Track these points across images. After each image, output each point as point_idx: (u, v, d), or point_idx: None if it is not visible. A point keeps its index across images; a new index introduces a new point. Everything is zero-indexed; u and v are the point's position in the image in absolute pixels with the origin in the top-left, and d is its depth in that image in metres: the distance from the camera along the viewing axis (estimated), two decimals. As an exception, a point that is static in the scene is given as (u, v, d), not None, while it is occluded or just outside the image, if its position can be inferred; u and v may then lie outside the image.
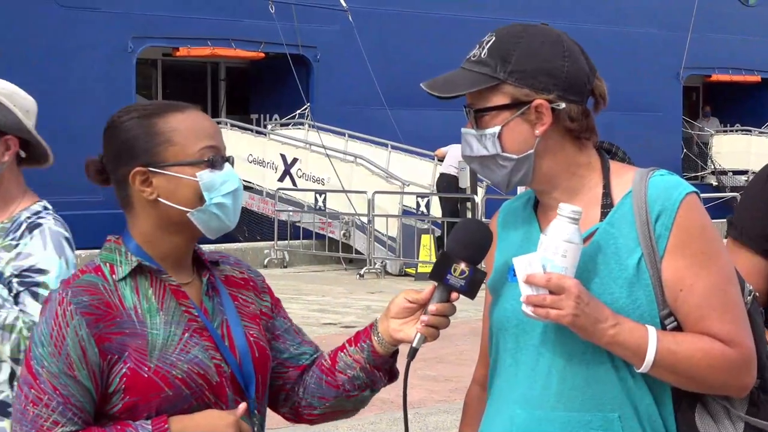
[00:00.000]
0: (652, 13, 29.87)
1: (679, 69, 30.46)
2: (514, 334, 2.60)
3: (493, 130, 2.56)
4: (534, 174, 2.59)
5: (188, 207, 2.53)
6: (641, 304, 2.51)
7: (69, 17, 21.40)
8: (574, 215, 2.45)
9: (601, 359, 2.51)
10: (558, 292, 2.41)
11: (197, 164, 2.53)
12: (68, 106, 20.84)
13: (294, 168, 21.77)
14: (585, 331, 2.44)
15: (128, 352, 2.45)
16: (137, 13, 22.30)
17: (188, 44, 23.53)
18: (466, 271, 2.52)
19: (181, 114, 2.57)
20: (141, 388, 2.44)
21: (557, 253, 2.44)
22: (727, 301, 2.53)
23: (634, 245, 2.52)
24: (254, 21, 23.62)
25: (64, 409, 2.42)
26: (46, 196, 4.00)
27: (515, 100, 2.55)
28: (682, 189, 2.55)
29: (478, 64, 2.58)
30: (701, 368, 2.49)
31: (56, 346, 2.43)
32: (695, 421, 2.56)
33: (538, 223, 2.66)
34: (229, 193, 2.55)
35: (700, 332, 2.51)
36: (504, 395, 2.62)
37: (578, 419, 2.51)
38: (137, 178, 2.54)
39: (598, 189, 2.61)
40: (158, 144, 2.53)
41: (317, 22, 24.35)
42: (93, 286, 2.50)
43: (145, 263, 2.54)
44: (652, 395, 2.53)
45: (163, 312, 2.52)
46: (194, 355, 2.50)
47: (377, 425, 8.63)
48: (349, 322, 14.00)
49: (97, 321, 2.45)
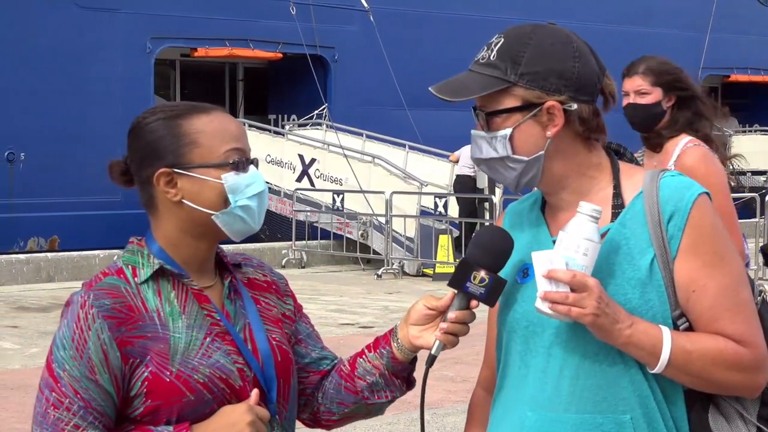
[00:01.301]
0: (671, 14, 29.81)
1: (698, 69, 30.33)
2: (523, 336, 2.59)
3: (504, 132, 2.55)
4: (543, 175, 2.58)
5: (213, 209, 2.52)
6: (654, 304, 2.50)
7: (88, 18, 21.44)
8: (594, 214, 2.44)
9: (613, 360, 2.50)
10: (580, 290, 2.39)
11: (222, 166, 2.52)
12: (87, 106, 20.90)
13: (312, 168, 21.78)
14: (603, 331, 2.43)
15: (150, 356, 2.44)
16: (155, 14, 22.33)
17: (206, 45, 23.56)
18: (486, 279, 2.51)
19: (206, 116, 2.56)
20: (162, 393, 2.43)
21: (579, 251, 2.42)
22: (740, 302, 2.53)
23: (646, 246, 2.51)
24: (272, 21, 23.64)
25: (85, 413, 2.41)
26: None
27: (526, 102, 2.54)
28: (695, 189, 2.54)
29: (488, 66, 2.56)
30: (715, 368, 2.48)
31: (78, 350, 2.42)
32: (709, 422, 2.55)
33: (547, 225, 2.65)
34: (255, 195, 2.54)
35: (713, 333, 2.50)
36: (513, 397, 2.61)
37: (590, 421, 2.50)
38: (162, 179, 2.52)
39: (609, 189, 2.60)
40: (183, 145, 2.52)
41: (335, 23, 24.35)
42: (115, 289, 2.49)
43: (167, 267, 2.53)
44: (665, 396, 2.52)
45: (186, 316, 2.51)
46: (216, 360, 2.49)
47: (395, 426, 8.63)
48: (366, 322, 13.99)
49: (119, 324, 2.44)
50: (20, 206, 20.14)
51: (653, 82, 5.08)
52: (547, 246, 2.55)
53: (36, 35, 20.66)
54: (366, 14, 24.10)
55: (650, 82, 5.08)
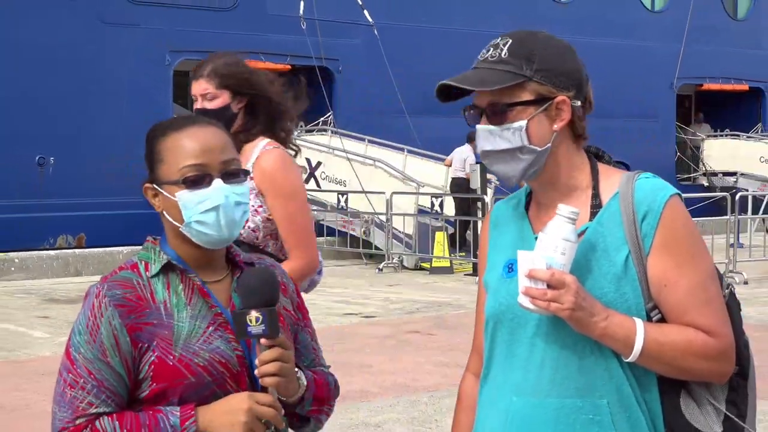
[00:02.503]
0: (648, 27, 29.80)
1: (673, 79, 30.38)
2: (509, 327, 2.59)
3: (520, 124, 2.54)
4: (544, 169, 2.58)
5: (179, 223, 2.54)
6: (628, 298, 2.51)
7: (111, 33, 21.44)
8: (572, 215, 2.45)
9: (590, 350, 2.50)
10: (558, 287, 2.40)
11: (177, 184, 2.52)
12: (111, 115, 20.88)
13: (318, 171, 21.79)
14: (580, 324, 2.44)
15: (156, 342, 2.48)
16: (174, 29, 22.33)
17: (221, 57, 23.54)
18: (259, 316, 2.42)
19: (178, 133, 2.56)
20: (167, 375, 2.46)
21: (557, 250, 2.43)
22: (709, 296, 2.53)
23: (621, 243, 2.52)
24: (281, 36, 23.63)
25: (98, 392, 2.45)
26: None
27: (540, 96, 2.54)
28: (667, 191, 2.55)
29: (501, 63, 2.55)
30: (685, 357, 2.48)
31: (91, 335, 2.48)
32: (680, 406, 2.55)
33: (530, 223, 2.65)
34: (209, 210, 2.50)
35: (683, 324, 2.51)
36: (500, 384, 2.61)
37: (570, 405, 2.51)
38: (149, 192, 2.59)
39: (588, 190, 2.60)
40: (155, 162, 2.57)
41: (339, 37, 24.34)
42: (127, 281, 2.53)
43: (174, 262, 2.56)
44: (639, 383, 2.53)
45: (190, 307, 2.53)
46: (216, 346, 2.51)
47: (395, 407, 8.63)
48: (369, 312, 14.00)
49: (129, 312, 2.49)
50: (50, 206, 20.15)
51: (219, 84, 4.36)
52: (530, 242, 2.56)
53: (63, 48, 20.66)
54: (368, 28, 24.09)
55: (216, 85, 4.36)
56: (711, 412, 2.55)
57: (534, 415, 2.53)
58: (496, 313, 2.62)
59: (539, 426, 2.52)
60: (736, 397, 2.57)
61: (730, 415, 2.56)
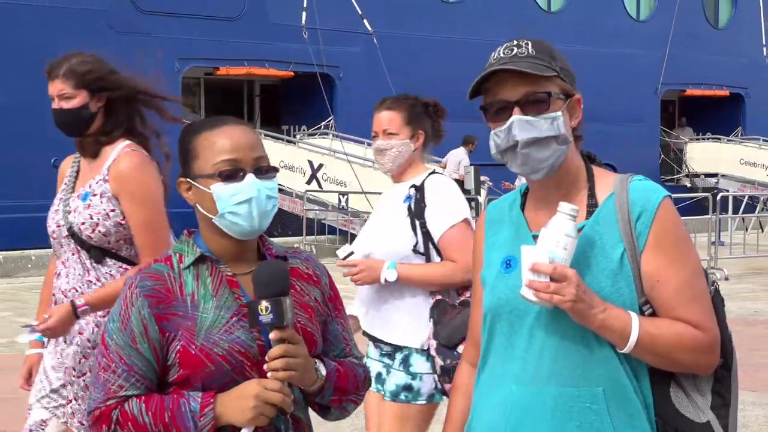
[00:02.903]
0: (634, 36, 29.82)
1: (657, 85, 30.40)
2: (508, 320, 2.60)
3: (557, 114, 2.54)
4: (563, 163, 2.58)
5: (212, 214, 2.56)
6: (623, 292, 2.51)
7: (123, 42, 21.43)
8: (573, 213, 2.46)
9: (587, 341, 2.51)
10: (561, 280, 2.41)
11: (212, 177, 2.55)
12: (123, 119, 20.88)
13: (320, 172, 21.78)
14: (580, 315, 2.45)
15: (181, 332, 2.52)
16: (183, 38, 22.33)
17: (227, 65, 23.56)
18: (268, 305, 2.44)
19: (211, 131, 2.59)
20: (190, 363, 2.50)
21: (559, 245, 2.44)
22: (697, 292, 2.55)
23: (617, 241, 2.53)
24: (284, 44, 23.63)
25: (128, 376, 2.51)
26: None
27: (564, 92, 2.57)
28: (660, 193, 2.56)
29: (532, 58, 2.54)
30: (676, 349, 2.50)
31: (123, 323, 2.53)
32: (670, 395, 2.56)
33: (527, 222, 2.65)
34: (242, 203, 2.53)
35: (673, 318, 2.52)
36: (498, 374, 2.62)
37: (568, 394, 2.52)
38: (183, 186, 2.62)
39: (585, 190, 2.61)
40: (190, 158, 2.60)
41: (340, 45, 24.34)
42: (159, 273, 2.57)
43: (206, 254, 2.59)
44: (633, 373, 2.54)
45: (216, 298, 2.55)
46: (237, 336, 2.52)
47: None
48: (368, 307, 13.96)
49: (158, 303, 2.53)
50: (64, 206, 20.13)
51: (76, 84, 4.03)
52: (527, 240, 2.57)
53: (77, 56, 20.66)
54: (368, 37, 24.09)
55: (73, 85, 4.02)
56: (698, 401, 2.57)
57: (533, 404, 2.53)
58: (494, 307, 2.63)
59: (538, 414, 2.53)
60: (721, 387, 2.59)
61: (717, 401, 2.58)
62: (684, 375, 2.56)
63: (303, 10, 23.50)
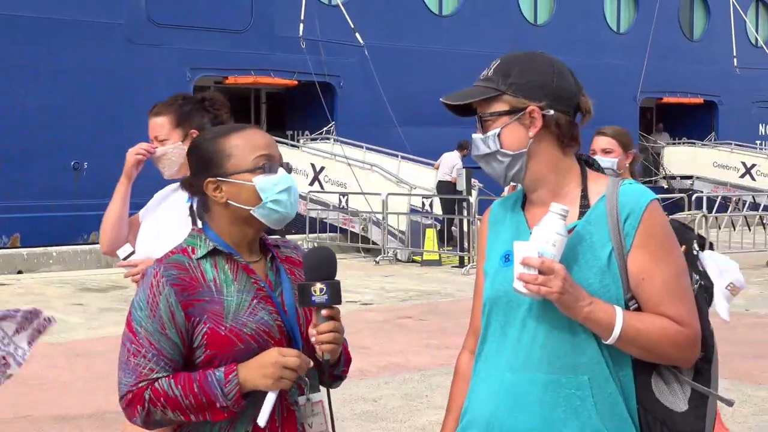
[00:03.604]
0: (614, 47, 29.84)
1: (636, 93, 30.41)
2: (504, 310, 2.60)
3: (495, 131, 2.59)
4: (527, 171, 2.60)
5: (250, 206, 2.63)
6: (610, 289, 2.51)
7: (137, 52, 21.42)
8: (563, 212, 2.47)
9: (575, 332, 2.51)
10: (548, 273, 2.42)
11: (253, 171, 2.63)
12: (137, 124, 20.81)
13: (321, 174, 21.76)
14: (567, 307, 2.45)
15: (207, 315, 2.57)
16: (194, 49, 22.31)
17: (235, 74, 23.53)
18: (324, 287, 2.52)
19: (239, 133, 2.68)
20: (219, 343, 2.56)
21: (549, 242, 2.45)
22: (680, 289, 2.54)
23: (606, 240, 2.53)
24: (289, 55, 23.61)
25: (158, 359, 2.55)
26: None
27: (513, 107, 2.58)
28: (647, 196, 2.56)
29: (485, 80, 2.62)
30: (658, 343, 2.50)
31: (152, 310, 2.56)
32: (651, 385, 2.56)
33: (526, 219, 2.66)
34: (282, 191, 2.64)
35: (658, 314, 2.51)
36: (494, 360, 2.62)
37: (556, 381, 2.52)
38: (210, 186, 2.66)
39: (578, 191, 2.61)
40: (223, 158, 2.65)
41: (340, 56, 24.33)
42: (180, 263, 2.62)
43: (220, 247, 2.64)
44: (616, 363, 2.54)
45: (237, 282, 2.63)
46: (261, 317, 2.60)
47: (390, 384, 8.63)
48: (367, 300, 13.99)
49: (183, 290, 2.58)
50: (83, 206, 20.12)
51: None
52: (526, 236, 2.57)
53: (94, 66, 20.64)
54: (363, 48, 24.07)
55: None
56: (678, 392, 2.57)
57: (523, 390, 2.54)
58: (492, 297, 2.64)
59: (527, 398, 2.53)
60: (701, 379, 2.59)
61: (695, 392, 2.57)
62: (665, 367, 2.56)
63: (300, 22, 23.49)
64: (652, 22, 30.12)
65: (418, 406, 7.96)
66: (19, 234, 19.80)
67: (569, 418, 2.50)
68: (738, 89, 32.71)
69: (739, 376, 8.82)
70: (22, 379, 8.62)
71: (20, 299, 13.84)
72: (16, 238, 19.81)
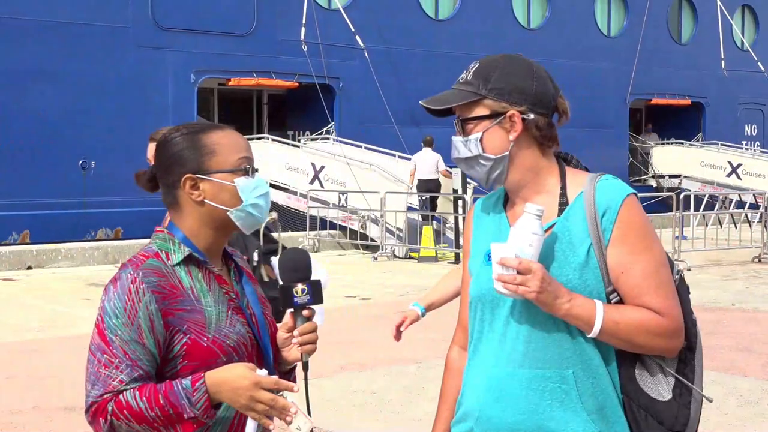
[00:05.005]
0: (605, 50, 29.83)
1: (626, 95, 30.40)
2: (489, 307, 2.59)
3: (476, 136, 2.55)
4: (508, 173, 2.57)
5: (229, 207, 2.46)
6: (590, 283, 2.50)
7: (144, 56, 21.41)
8: (538, 213, 2.45)
9: (558, 327, 2.50)
10: (525, 273, 2.40)
11: (234, 172, 2.47)
12: (143, 125, 20.84)
13: (322, 173, 21.76)
14: (546, 305, 2.44)
15: (187, 326, 2.39)
16: (198, 52, 22.30)
17: (238, 76, 23.52)
18: (305, 287, 2.44)
19: (221, 131, 2.51)
20: (201, 355, 2.39)
21: (525, 242, 2.42)
22: (660, 280, 2.52)
23: (584, 236, 2.51)
24: (290, 57, 23.61)
25: (131, 371, 2.33)
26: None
27: (494, 111, 2.54)
28: (624, 191, 2.54)
29: (465, 84, 2.57)
30: (639, 334, 2.48)
31: (129, 318, 2.35)
32: (635, 375, 2.55)
33: (507, 217, 2.65)
34: (261, 195, 2.49)
35: (638, 306, 2.50)
36: (481, 356, 2.61)
37: (540, 375, 2.51)
38: (187, 183, 2.47)
39: (557, 189, 2.59)
40: (204, 155, 2.47)
41: (340, 58, 24.33)
42: (158, 269, 2.42)
43: (195, 254, 2.47)
44: (600, 355, 2.52)
45: (211, 293, 2.46)
46: (239, 329, 2.46)
47: (388, 376, 8.63)
48: (366, 294, 13.98)
49: (164, 299, 2.38)
50: (91, 204, 20.13)
51: None
52: (507, 233, 2.55)
53: (102, 69, 20.64)
54: (364, 51, 24.06)
55: None
56: (662, 381, 2.55)
57: (509, 383, 2.53)
58: (478, 295, 2.62)
59: (513, 392, 2.52)
60: (685, 368, 2.57)
61: (680, 380, 2.56)
62: (649, 356, 2.54)
63: (302, 26, 23.48)
64: (641, 26, 30.14)
65: (415, 397, 7.97)
66: (28, 231, 19.81)
67: (555, 411, 2.49)
68: (725, 91, 32.73)
69: (726, 369, 8.83)
70: (32, 372, 8.62)
71: (30, 294, 13.84)
72: (26, 235, 19.82)
